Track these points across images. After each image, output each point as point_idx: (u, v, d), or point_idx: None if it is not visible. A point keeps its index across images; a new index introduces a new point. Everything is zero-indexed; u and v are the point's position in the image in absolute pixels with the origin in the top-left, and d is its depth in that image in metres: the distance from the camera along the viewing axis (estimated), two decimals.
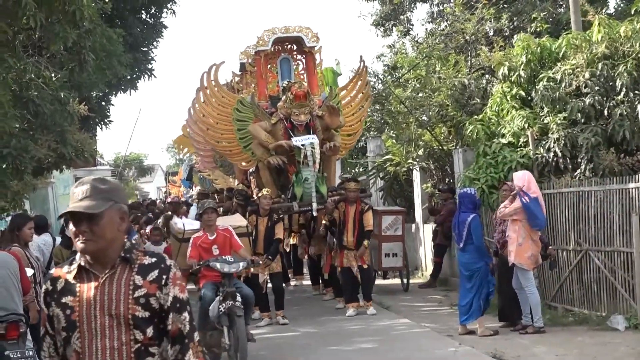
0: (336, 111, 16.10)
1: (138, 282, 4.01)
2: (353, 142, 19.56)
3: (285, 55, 17.79)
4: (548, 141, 14.41)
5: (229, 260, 11.45)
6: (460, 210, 12.90)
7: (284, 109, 16.00)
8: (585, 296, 13.35)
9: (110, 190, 4.09)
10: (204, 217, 12.10)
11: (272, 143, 15.95)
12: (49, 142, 13.50)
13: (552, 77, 14.71)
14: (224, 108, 16.82)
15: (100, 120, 22.42)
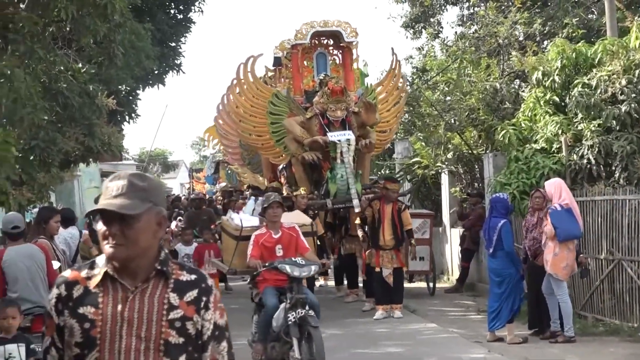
0: (373, 107, 15.92)
1: (174, 301, 3.47)
2: (388, 139, 19.37)
3: (321, 50, 17.64)
4: (582, 148, 14.20)
5: (299, 263, 10.23)
6: (491, 215, 12.69)
7: (320, 104, 15.84)
8: (617, 306, 13.11)
9: (149, 189, 3.53)
10: (269, 212, 10.78)
11: (307, 138, 15.77)
12: (76, 134, 13.43)
13: (587, 83, 14.49)
14: (258, 101, 16.68)
15: (127, 115, 22.33)
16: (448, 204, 20.29)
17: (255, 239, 10.79)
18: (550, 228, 11.89)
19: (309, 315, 9.89)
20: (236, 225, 12.05)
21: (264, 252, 10.66)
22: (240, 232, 11.75)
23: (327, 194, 15.72)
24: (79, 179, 25.66)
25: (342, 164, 15.33)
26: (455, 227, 19.72)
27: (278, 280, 10.43)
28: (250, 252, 10.67)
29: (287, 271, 10.08)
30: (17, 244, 9.55)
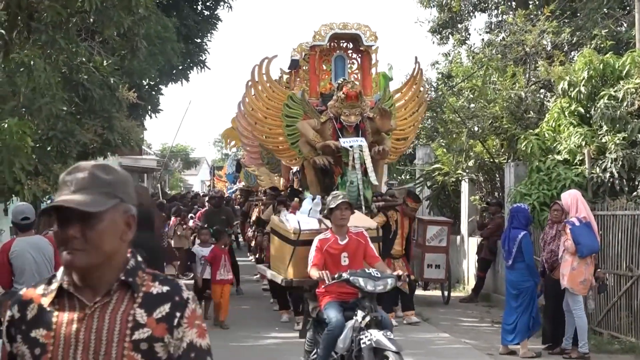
0: (388, 114, 15.71)
1: (141, 318, 2.90)
2: (404, 148, 19.18)
3: (340, 53, 17.40)
4: (605, 161, 14.00)
5: (374, 276, 8.83)
6: (511, 225, 12.47)
7: (334, 108, 15.62)
8: (634, 324, 12.88)
9: (116, 183, 2.99)
10: (336, 214, 9.36)
11: (320, 142, 15.59)
12: (95, 127, 13.38)
13: (614, 96, 14.29)
14: (273, 103, 16.52)
15: (149, 109, 22.30)
16: (467, 212, 20.11)
17: (318, 244, 9.36)
18: (571, 244, 11.69)
19: (389, 338, 8.45)
20: (293, 227, 10.54)
21: (328, 261, 9.27)
22: (298, 236, 10.40)
23: None
24: None
25: (353, 169, 15.17)
26: (473, 235, 19.55)
27: (342, 294, 9.12)
28: (313, 260, 9.25)
29: (360, 285, 8.66)
30: (26, 235, 9.47)
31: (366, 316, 8.59)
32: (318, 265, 9.15)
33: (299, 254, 10.19)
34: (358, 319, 8.63)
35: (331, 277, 8.82)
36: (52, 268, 9.44)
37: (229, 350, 12.87)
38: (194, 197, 35.79)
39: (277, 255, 11.01)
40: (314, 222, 10.72)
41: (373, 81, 17.68)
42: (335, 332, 8.76)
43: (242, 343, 13.38)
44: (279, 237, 10.91)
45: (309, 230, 10.34)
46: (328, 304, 9.09)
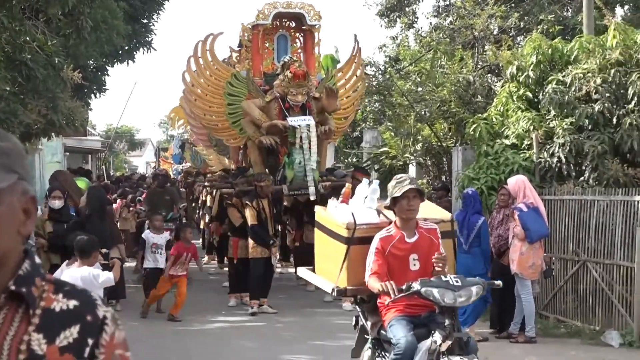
0: (334, 94, 15.63)
1: (38, 347, 2.11)
2: (346, 126, 19.08)
3: (283, 32, 17.25)
4: (553, 146, 14.02)
5: (453, 284, 6.92)
6: (468, 211, 12.40)
7: (280, 88, 15.47)
8: (579, 308, 12.97)
9: (13, 153, 2.20)
10: (402, 203, 7.30)
11: (266, 122, 15.43)
12: (39, 107, 13.12)
13: (562, 81, 14.31)
14: (215, 80, 16.32)
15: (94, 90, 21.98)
16: None
17: (379, 245, 7.34)
18: (520, 230, 11.71)
19: None
20: (346, 221, 7.92)
21: (392, 265, 7.35)
22: (352, 232, 7.85)
23: (283, 180, 15.44)
24: (41, 153, 25.24)
25: (300, 149, 15.06)
26: None
27: (412, 307, 7.27)
28: (372, 267, 7.29)
29: (435, 299, 6.85)
30: None
31: (447, 338, 6.79)
32: (380, 273, 7.21)
33: (354, 254, 7.76)
34: (436, 340, 6.84)
35: (397, 290, 6.91)
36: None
37: (176, 335, 12.76)
38: (140, 178, 35.46)
39: (324, 256, 8.52)
40: (372, 214, 8.08)
41: (317, 61, 17.59)
42: (405, 356, 6.92)
43: (189, 327, 13.26)
44: (326, 234, 8.42)
45: (366, 224, 7.90)
46: (394, 319, 7.21)
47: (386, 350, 7.43)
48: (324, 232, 8.48)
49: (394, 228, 7.43)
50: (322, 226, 8.56)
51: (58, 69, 13.04)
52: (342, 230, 7.93)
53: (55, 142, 26.69)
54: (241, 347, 11.91)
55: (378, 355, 7.62)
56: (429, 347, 6.85)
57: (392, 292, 6.86)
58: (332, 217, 8.30)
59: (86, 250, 8.76)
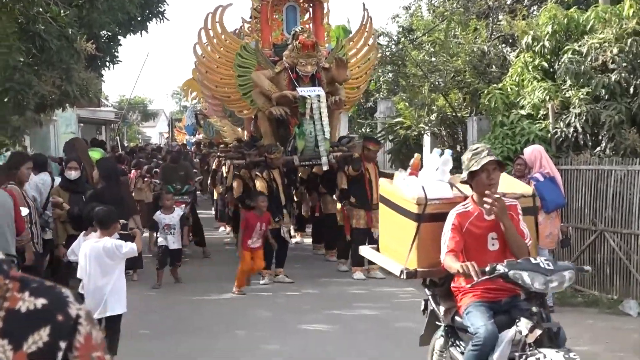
0: (344, 64, 15.54)
1: (2, 354, 1.95)
2: (357, 96, 19.01)
3: (292, 3, 17.15)
4: (569, 116, 13.96)
5: (543, 267, 6.15)
6: None
7: (289, 58, 15.39)
8: (597, 277, 12.95)
9: None
10: (481, 177, 6.61)
11: (276, 93, 15.37)
12: (53, 78, 13.08)
13: (578, 50, 14.23)
14: (226, 52, 16.26)
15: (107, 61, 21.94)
16: None
17: (456, 221, 6.67)
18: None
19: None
20: (416, 196, 7.10)
21: (469, 244, 6.66)
22: (423, 208, 7.05)
23: (294, 151, 15.39)
24: (55, 124, 25.26)
25: (311, 120, 15.00)
26: None
27: (491, 291, 6.57)
28: (449, 244, 6.61)
29: (525, 282, 6.09)
30: None
31: (535, 328, 6.01)
32: (456, 251, 6.56)
33: (425, 233, 6.99)
34: (521, 329, 6.09)
35: (480, 271, 6.18)
36: (12, 222, 9.27)
37: (192, 305, 12.79)
38: (155, 149, 35.46)
39: (390, 234, 7.70)
40: (445, 188, 7.28)
41: (326, 31, 17.50)
42: (485, 347, 6.24)
43: (204, 297, 13.29)
44: (393, 209, 7.55)
45: (438, 199, 7.11)
46: (472, 305, 6.53)
47: (461, 339, 6.84)
48: (391, 207, 7.59)
49: (471, 203, 6.72)
50: (387, 201, 7.69)
51: (72, 40, 13.00)
52: (411, 206, 7.10)
53: (69, 113, 26.73)
54: (257, 317, 11.93)
55: (452, 344, 7.01)
56: (513, 337, 6.12)
57: (474, 274, 6.13)
58: (399, 191, 7.42)
59: (105, 221, 8.74)
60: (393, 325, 11.30)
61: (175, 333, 10.82)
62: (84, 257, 8.66)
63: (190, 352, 9.80)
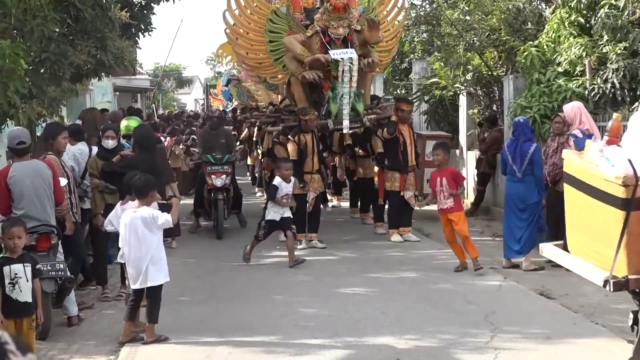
0: (376, 25, 15.39)
1: None
2: (388, 59, 18.90)
3: None
4: (606, 71, 13.82)
5: None
6: (519, 139, 12.32)
7: (321, 22, 15.28)
8: None
9: None
10: None
11: (308, 57, 15.29)
12: (88, 48, 13.10)
13: (615, 5, 14.03)
14: (256, 18, 16.19)
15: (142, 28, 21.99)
16: (465, 126, 19.96)
17: None
18: None
19: None
20: (623, 173, 5.55)
21: None
22: (633, 190, 5.46)
23: (328, 115, 15.29)
24: (91, 93, 25.36)
25: (344, 83, 14.92)
26: (472, 149, 19.43)
27: None
28: None
29: None
30: (23, 160, 9.33)
31: None
32: None
33: (637, 225, 5.41)
34: None
35: None
36: (51, 192, 9.34)
37: (231, 271, 12.87)
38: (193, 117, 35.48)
39: (584, 228, 6.10)
40: None
41: None
42: None
43: (243, 263, 13.33)
44: (585, 192, 5.91)
45: None
46: None
47: None
48: (582, 190, 5.95)
49: None
50: (577, 181, 6.04)
51: (106, 9, 13.04)
52: (615, 188, 5.53)
53: (105, 82, 26.81)
54: (296, 282, 11.97)
55: None
56: None
57: None
58: (595, 167, 5.78)
59: (143, 191, 8.77)
60: (431, 287, 11.32)
61: (214, 300, 10.89)
62: (124, 227, 8.73)
63: (229, 318, 9.86)
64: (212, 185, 15.89)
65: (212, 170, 16.02)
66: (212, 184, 15.88)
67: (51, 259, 9.03)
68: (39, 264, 8.44)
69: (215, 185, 15.83)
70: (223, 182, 15.77)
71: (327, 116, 15.34)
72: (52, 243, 9.13)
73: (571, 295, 10.58)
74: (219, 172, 16.00)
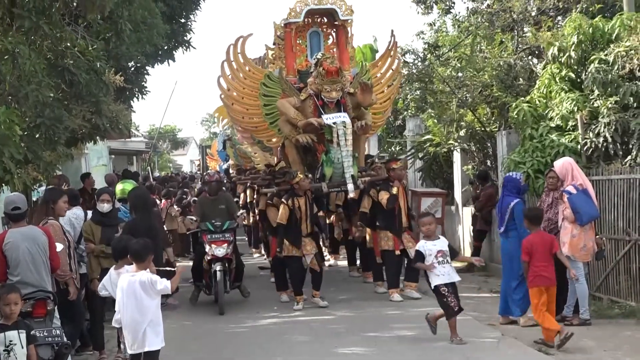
0: (369, 88, 15.49)
1: None
2: (382, 121, 18.92)
3: (315, 29, 17.08)
4: (598, 125, 13.92)
5: None
6: (503, 193, 12.44)
7: (314, 85, 15.36)
8: (633, 288, 12.82)
9: None
10: None
11: (301, 120, 15.34)
12: (83, 112, 13.20)
13: (604, 59, 14.20)
14: (250, 82, 16.28)
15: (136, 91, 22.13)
16: (460, 182, 20.02)
17: None
18: (570, 212, 11.62)
19: None
20: None
21: None
22: None
23: (322, 178, 15.33)
24: (86, 156, 25.45)
25: (338, 147, 14.91)
26: (467, 205, 19.46)
27: None
28: None
29: None
30: (19, 226, 9.36)
31: None
32: None
33: None
34: None
35: None
36: (47, 258, 9.34)
37: (229, 333, 12.82)
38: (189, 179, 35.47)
39: None
40: None
41: (357, 52, 17.45)
42: None
43: (241, 324, 13.31)
44: None
45: None
46: None
47: None
48: None
49: None
50: None
51: (100, 73, 13.11)
52: None
53: (100, 146, 26.88)
54: (294, 342, 11.93)
55: None
56: None
57: None
58: None
59: (141, 255, 8.74)
60: (430, 345, 11.28)
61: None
62: (120, 291, 8.67)
63: None
64: (213, 255, 14.55)
65: (212, 238, 14.75)
66: (213, 254, 14.54)
67: (47, 325, 9.01)
68: (35, 330, 8.41)
69: (215, 255, 14.52)
70: (224, 251, 14.61)
71: (322, 179, 15.38)
72: (48, 309, 9.11)
73: (570, 350, 10.54)
74: (220, 241, 14.72)
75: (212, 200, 15.60)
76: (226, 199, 15.92)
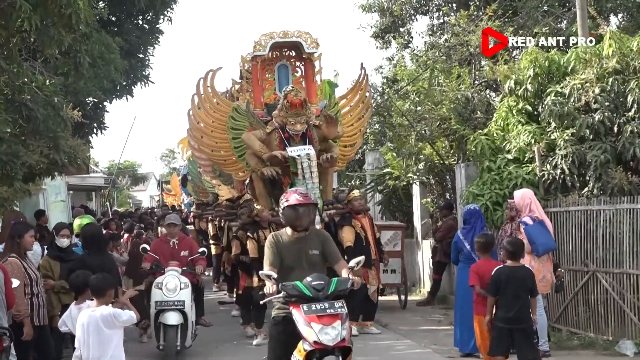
0: (334, 121, 15.54)
1: None
2: (352, 154, 18.94)
3: (283, 62, 17.19)
4: (555, 158, 14.05)
5: None
6: (476, 226, 12.51)
7: (279, 118, 15.38)
8: (592, 319, 12.93)
9: None
10: None
11: (266, 153, 15.36)
12: (41, 147, 13.10)
13: (561, 92, 14.36)
14: (218, 115, 16.27)
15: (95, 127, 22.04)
16: (420, 215, 20.09)
17: None
18: (526, 243, 11.68)
19: None
20: None
21: None
22: None
23: None
24: (45, 192, 25.20)
25: (303, 179, 14.90)
26: (426, 238, 19.53)
27: None
28: None
29: None
30: None
31: None
32: None
33: None
34: None
35: None
36: (3, 295, 9.24)
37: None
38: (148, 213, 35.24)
39: None
40: None
41: (318, 88, 17.50)
42: None
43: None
44: None
45: None
46: None
47: None
48: None
49: None
50: None
51: (58, 108, 13.05)
52: None
53: (58, 181, 26.59)
54: None
55: None
56: None
57: None
58: None
59: (101, 289, 8.66)
60: None
61: None
62: (80, 327, 8.54)
63: None
64: (317, 344, 8.23)
65: (314, 311, 8.75)
66: (316, 341, 8.41)
67: None
68: None
69: (323, 344, 8.23)
70: (338, 334, 8.40)
71: None
72: (4, 345, 8.99)
73: None
74: (329, 316, 10.57)
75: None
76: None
